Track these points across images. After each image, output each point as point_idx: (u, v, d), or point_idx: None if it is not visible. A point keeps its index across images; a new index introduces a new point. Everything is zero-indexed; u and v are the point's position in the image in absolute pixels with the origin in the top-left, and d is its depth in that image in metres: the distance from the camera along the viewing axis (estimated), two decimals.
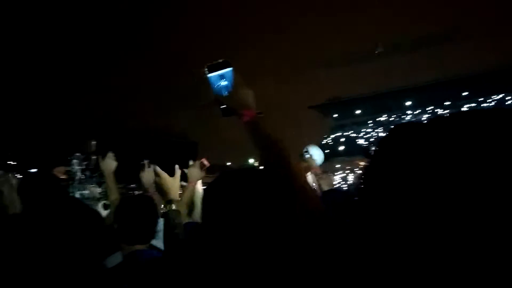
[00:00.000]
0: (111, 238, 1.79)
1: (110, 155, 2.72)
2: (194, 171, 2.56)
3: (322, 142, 38.32)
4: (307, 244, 0.92)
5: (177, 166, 2.20)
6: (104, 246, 1.65)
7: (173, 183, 2.00)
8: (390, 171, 0.66)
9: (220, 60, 1.17)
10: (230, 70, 1.16)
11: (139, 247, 1.73)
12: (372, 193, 0.69)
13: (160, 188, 1.95)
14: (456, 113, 0.64)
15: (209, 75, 1.17)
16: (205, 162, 2.59)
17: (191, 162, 2.79)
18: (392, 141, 0.71)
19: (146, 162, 2.70)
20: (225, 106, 1.17)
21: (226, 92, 1.17)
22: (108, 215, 2.58)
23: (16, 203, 2.80)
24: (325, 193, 3.01)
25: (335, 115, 42.56)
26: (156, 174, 2.07)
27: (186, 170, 2.92)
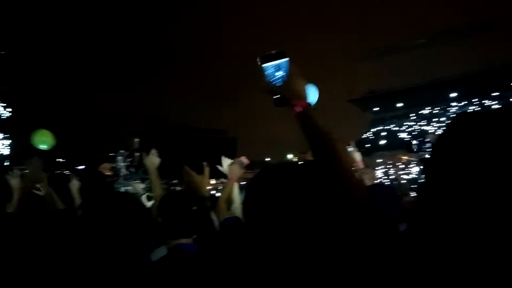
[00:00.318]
0: (156, 231, 1.82)
1: (154, 152, 2.77)
2: (233, 168, 2.57)
3: (362, 137, 37.60)
4: (357, 239, 0.88)
5: (205, 163, 2.21)
6: (151, 240, 1.68)
7: (201, 181, 2.02)
8: (462, 164, 0.61)
9: (274, 52, 1.17)
10: (286, 61, 1.16)
11: (183, 241, 1.75)
12: (441, 187, 0.65)
13: (190, 186, 1.97)
14: None
15: (264, 65, 1.17)
16: (245, 160, 2.60)
17: (224, 159, 2.81)
18: (461, 132, 0.66)
19: (204, 164, 2.75)
20: (278, 96, 1.17)
21: (280, 82, 1.17)
22: (151, 208, 2.63)
23: (56, 201, 2.93)
24: (368, 188, 2.92)
25: (376, 109, 41.59)
26: (186, 173, 2.07)
27: (220, 167, 2.93)
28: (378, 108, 41.18)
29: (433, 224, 0.74)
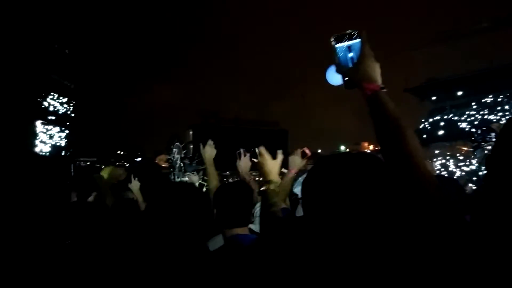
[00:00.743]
0: (213, 221, 1.87)
1: (210, 142, 2.83)
2: (295, 159, 2.57)
3: (419, 127, 35.99)
4: (425, 230, 0.84)
5: (279, 151, 2.22)
6: (209, 229, 1.72)
7: (274, 165, 2.02)
8: None
9: (349, 31, 1.13)
10: (358, 42, 1.12)
11: (238, 230, 1.78)
12: (505, 180, 0.61)
13: (261, 168, 1.98)
14: None
15: (337, 45, 1.14)
16: (307, 151, 2.58)
17: (280, 152, 2.81)
18: None
19: (242, 151, 2.76)
20: (348, 78, 1.13)
21: (351, 64, 1.13)
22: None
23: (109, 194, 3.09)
24: None
25: (434, 98, 39.61)
26: (260, 154, 2.09)
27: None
28: (436, 97, 39.14)
29: (497, 217, 0.70)
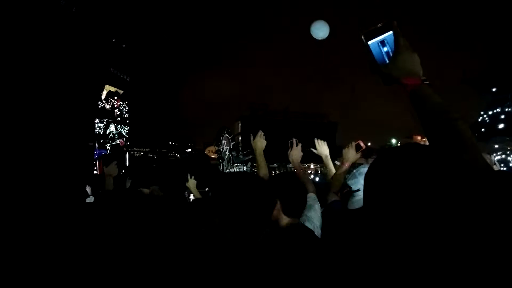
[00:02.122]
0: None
1: (261, 133, 2.82)
2: (349, 152, 2.52)
3: (478, 120, 34.03)
4: (488, 228, 0.79)
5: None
6: (264, 218, 1.73)
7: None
8: None
9: (379, 25, 1.04)
10: (391, 34, 1.02)
11: (292, 221, 1.78)
12: None
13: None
14: None
15: (369, 42, 1.05)
16: (362, 144, 2.52)
17: (318, 142, 2.79)
18: None
19: (295, 140, 2.74)
20: (386, 73, 1.03)
21: (387, 59, 1.03)
22: None
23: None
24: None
25: (494, 89, 37.26)
26: (318, 144, 2.10)
27: (314, 151, 2.90)
28: (496, 89, 36.84)
29: None
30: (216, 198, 1.36)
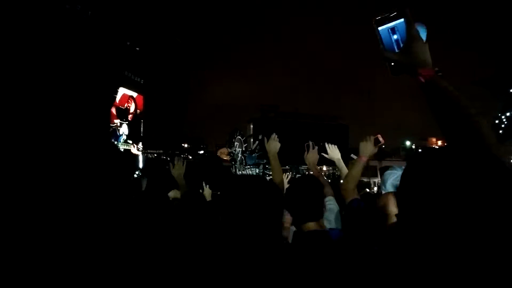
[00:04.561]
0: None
1: (274, 136, 2.83)
2: (367, 145, 2.44)
3: (495, 122, 33.22)
4: None
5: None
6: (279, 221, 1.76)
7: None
8: None
9: (391, 11, 1.00)
10: (402, 22, 0.98)
11: (311, 225, 1.80)
12: None
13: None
14: None
15: (379, 28, 1.01)
16: (380, 138, 2.42)
17: (329, 146, 2.81)
18: None
19: (311, 143, 2.75)
20: (395, 64, 0.99)
21: (397, 48, 0.99)
22: None
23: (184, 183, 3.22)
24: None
25: (511, 90, 36.34)
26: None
27: (326, 155, 2.90)
28: None
29: None
30: (224, 200, 1.39)
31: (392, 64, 0.98)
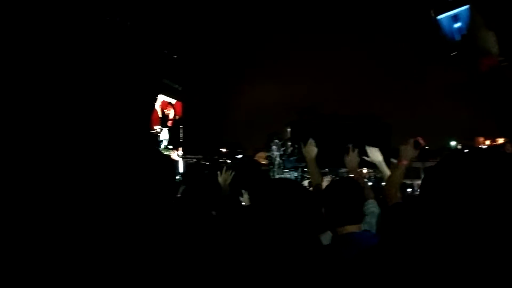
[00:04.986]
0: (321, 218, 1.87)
1: (311, 141, 2.82)
2: (407, 149, 2.40)
3: None
4: None
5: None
6: (317, 225, 1.72)
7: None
8: None
9: (455, 0, 0.94)
10: (466, 9, 0.92)
11: (351, 228, 1.76)
12: None
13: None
14: None
15: (439, 16, 0.96)
16: (421, 141, 2.38)
17: (369, 149, 2.74)
18: None
19: (350, 146, 2.71)
20: (456, 52, 0.93)
21: (458, 36, 0.93)
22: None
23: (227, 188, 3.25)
24: None
25: None
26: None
27: (366, 158, 2.82)
28: None
29: None
30: (258, 204, 1.37)
31: (453, 53, 0.93)
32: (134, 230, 1.28)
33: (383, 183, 2.63)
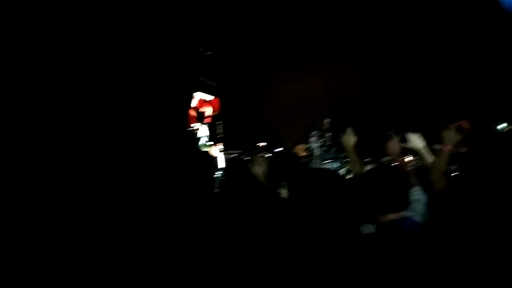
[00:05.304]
0: (362, 207, 1.83)
1: (349, 130, 2.79)
2: (449, 133, 2.33)
3: None
4: None
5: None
6: (357, 214, 1.69)
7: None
8: None
9: None
10: None
11: (392, 216, 1.71)
12: None
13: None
14: None
15: None
16: (465, 125, 2.29)
17: (410, 135, 2.64)
18: None
19: (391, 132, 2.65)
20: None
21: None
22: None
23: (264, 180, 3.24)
24: None
25: None
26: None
27: (404, 145, 2.73)
28: None
29: None
30: (297, 194, 1.35)
31: None
32: (177, 224, 1.30)
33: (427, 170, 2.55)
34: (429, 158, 2.69)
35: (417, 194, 2.17)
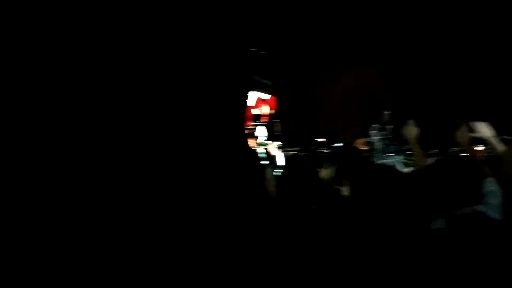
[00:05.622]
0: (431, 201, 1.76)
1: (411, 122, 2.70)
2: None
3: None
4: None
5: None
6: (426, 209, 1.63)
7: None
8: None
9: None
10: None
11: (464, 210, 1.63)
12: None
13: None
14: None
15: None
16: None
17: (477, 124, 2.48)
18: None
19: (459, 120, 2.53)
20: None
21: None
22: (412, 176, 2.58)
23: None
24: None
25: None
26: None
27: (473, 134, 2.58)
28: None
29: None
30: (362, 193, 1.32)
31: None
32: (228, 223, 1.32)
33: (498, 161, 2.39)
34: (500, 147, 2.52)
35: (491, 186, 2.04)
